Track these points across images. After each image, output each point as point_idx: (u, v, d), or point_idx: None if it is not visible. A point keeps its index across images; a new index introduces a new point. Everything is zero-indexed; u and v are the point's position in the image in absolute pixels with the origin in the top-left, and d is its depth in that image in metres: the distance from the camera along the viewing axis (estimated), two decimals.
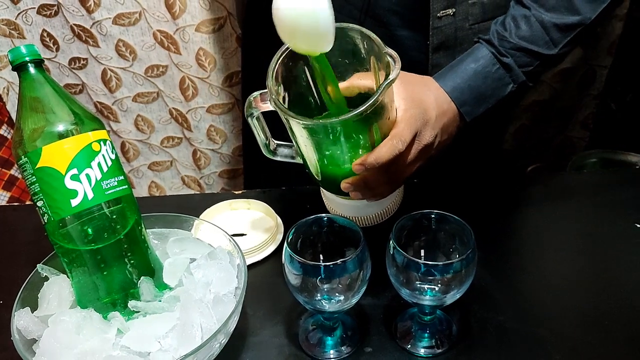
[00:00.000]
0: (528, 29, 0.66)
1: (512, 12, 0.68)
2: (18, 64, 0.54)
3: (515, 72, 0.67)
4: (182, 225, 0.65)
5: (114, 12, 1.17)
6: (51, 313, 0.54)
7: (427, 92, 0.65)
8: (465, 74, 0.67)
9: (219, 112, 1.34)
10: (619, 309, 0.61)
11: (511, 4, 0.70)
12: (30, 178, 0.53)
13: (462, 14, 0.72)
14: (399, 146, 0.57)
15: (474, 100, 0.67)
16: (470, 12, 0.73)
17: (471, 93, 0.66)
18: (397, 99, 0.60)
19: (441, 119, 0.64)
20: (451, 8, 0.71)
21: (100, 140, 0.55)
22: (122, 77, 1.28)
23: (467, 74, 0.67)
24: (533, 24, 0.66)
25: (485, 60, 0.67)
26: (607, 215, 0.75)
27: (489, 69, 0.67)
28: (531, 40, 0.66)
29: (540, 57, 0.67)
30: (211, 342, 0.50)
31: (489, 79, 0.67)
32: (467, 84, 0.66)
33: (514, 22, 0.67)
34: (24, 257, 0.73)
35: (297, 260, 0.51)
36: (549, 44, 0.67)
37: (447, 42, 0.74)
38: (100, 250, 0.54)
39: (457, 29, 0.73)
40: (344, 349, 0.58)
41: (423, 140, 0.61)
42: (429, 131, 0.62)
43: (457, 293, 0.52)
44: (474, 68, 0.67)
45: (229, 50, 1.24)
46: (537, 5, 0.67)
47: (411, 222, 0.56)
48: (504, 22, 0.68)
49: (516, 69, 0.67)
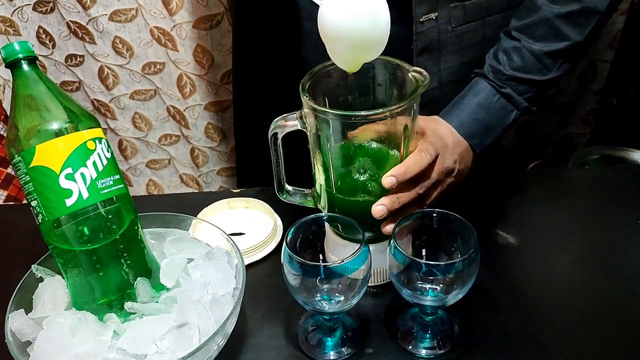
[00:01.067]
0: (520, 59, 0.69)
1: (503, 45, 0.70)
2: (11, 61, 0.53)
3: (516, 99, 0.69)
4: (179, 224, 0.65)
5: (110, 8, 1.16)
6: (46, 315, 0.53)
7: (439, 126, 0.68)
8: (468, 108, 0.69)
9: (216, 110, 1.34)
10: (623, 308, 0.60)
11: (501, 36, 0.72)
12: (24, 177, 0.52)
13: (444, 18, 0.73)
14: (427, 157, 0.59)
15: (481, 132, 0.69)
16: (452, 15, 0.73)
17: (477, 125, 0.69)
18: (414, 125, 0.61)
19: (457, 148, 0.67)
20: (433, 12, 0.72)
21: (96, 138, 0.54)
22: (119, 75, 1.27)
23: (470, 108, 0.69)
24: (524, 55, 0.69)
25: (485, 93, 0.70)
26: (610, 213, 0.74)
27: (491, 99, 0.69)
28: (525, 70, 0.69)
29: (537, 84, 0.70)
30: (209, 344, 0.49)
31: (492, 110, 0.69)
32: (472, 118, 0.69)
33: (506, 55, 0.70)
34: (19, 257, 0.72)
35: (297, 261, 0.50)
36: (542, 71, 0.69)
37: (430, 46, 0.75)
38: (95, 250, 0.53)
39: (440, 32, 0.74)
40: (344, 350, 0.57)
41: (445, 163, 0.64)
42: (449, 155, 0.65)
43: (459, 293, 0.52)
44: (476, 101, 0.70)
45: (227, 47, 1.23)
46: (526, 36, 0.69)
47: (413, 221, 0.56)
48: (497, 55, 0.70)
49: (516, 97, 0.69)
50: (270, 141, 0.61)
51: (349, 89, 0.62)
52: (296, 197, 0.66)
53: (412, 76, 0.57)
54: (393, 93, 0.61)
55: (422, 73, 0.56)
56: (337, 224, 0.60)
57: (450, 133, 0.68)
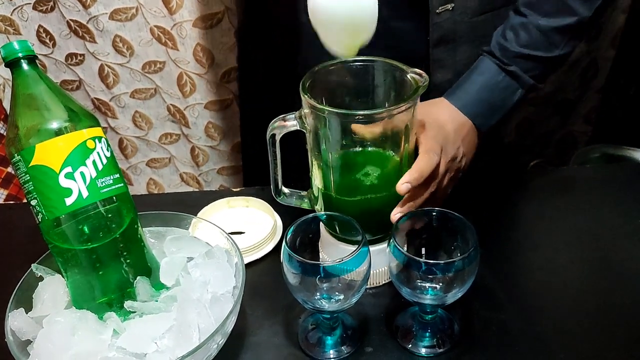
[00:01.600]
0: (527, 36, 0.68)
1: (511, 22, 0.70)
2: (11, 60, 0.53)
3: (522, 78, 0.69)
4: (179, 223, 0.64)
5: (111, 7, 1.16)
6: (46, 314, 0.53)
7: (439, 112, 0.68)
8: (473, 88, 0.69)
9: (217, 109, 1.33)
10: (623, 307, 0.60)
11: (510, 14, 0.71)
12: (23, 176, 0.52)
13: (460, 8, 0.73)
14: (435, 157, 0.60)
15: (486, 112, 0.69)
16: (469, 6, 0.73)
17: (482, 105, 0.69)
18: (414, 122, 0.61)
19: (460, 132, 0.67)
20: (450, 3, 0.72)
21: (95, 137, 0.54)
22: (120, 73, 1.27)
23: (475, 88, 0.69)
24: (532, 31, 0.68)
25: (490, 72, 0.69)
26: (611, 211, 0.74)
27: (496, 79, 0.69)
28: (532, 46, 0.68)
29: (544, 60, 0.69)
30: (208, 342, 0.49)
31: (497, 90, 0.69)
32: (477, 98, 0.69)
33: (513, 32, 0.69)
34: (19, 256, 0.72)
35: (296, 259, 0.50)
36: (550, 47, 0.68)
37: (446, 37, 0.75)
38: (95, 249, 0.53)
39: (455, 23, 0.74)
40: (344, 348, 0.57)
41: (448, 155, 0.64)
42: (451, 145, 0.65)
43: (459, 292, 0.51)
44: (480, 81, 0.69)
45: (227, 46, 1.22)
46: (533, 12, 0.68)
47: (412, 219, 0.56)
48: (504, 32, 0.70)
49: (522, 74, 0.69)
50: (269, 142, 0.61)
51: (348, 90, 0.62)
52: (292, 199, 0.67)
53: (411, 77, 0.57)
54: (391, 94, 0.61)
55: (421, 74, 0.56)
56: (335, 223, 0.59)
57: (451, 118, 0.67)
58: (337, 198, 0.60)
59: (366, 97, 0.62)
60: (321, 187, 0.61)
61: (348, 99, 0.62)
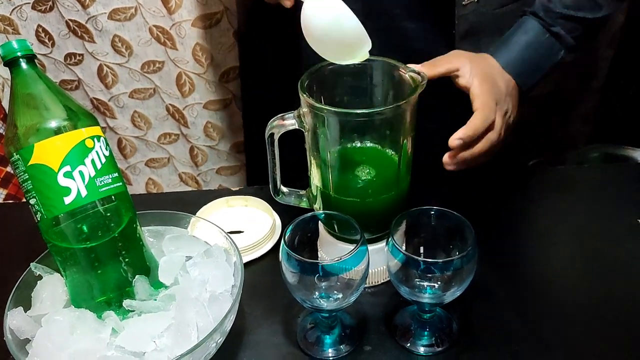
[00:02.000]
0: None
1: None
2: (10, 60, 0.53)
3: (565, 38, 0.70)
4: (178, 222, 0.65)
5: (110, 7, 1.16)
6: (44, 312, 0.53)
7: (489, 67, 0.69)
8: (517, 47, 0.70)
9: (215, 108, 1.33)
10: (622, 306, 0.60)
11: None
12: (22, 175, 0.52)
13: (485, 0, 0.73)
14: (491, 115, 0.61)
15: (528, 71, 0.70)
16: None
17: (525, 64, 0.70)
18: (469, 75, 0.63)
19: (507, 88, 0.68)
20: None
21: (94, 136, 0.54)
22: (119, 73, 1.27)
23: (519, 47, 0.70)
24: None
25: (535, 32, 0.70)
26: (610, 211, 0.74)
27: (540, 38, 0.70)
28: (576, 7, 0.69)
29: (587, 22, 0.69)
30: (207, 341, 0.49)
31: (540, 49, 0.70)
32: (521, 56, 0.70)
33: None
34: (18, 255, 0.72)
35: (295, 258, 0.50)
36: (594, 8, 0.69)
37: (472, 30, 0.75)
38: (94, 248, 0.53)
39: (480, 15, 0.74)
40: (342, 347, 0.57)
41: (503, 109, 0.65)
42: (504, 100, 0.66)
43: (457, 290, 0.52)
44: (525, 40, 0.70)
45: (226, 46, 1.22)
46: None
47: (410, 218, 0.56)
48: None
49: (565, 35, 0.69)
50: (267, 141, 0.61)
51: (347, 90, 0.62)
52: (291, 198, 0.67)
53: (410, 77, 0.57)
54: (390, 93, 0.62)
55: (419, 73, 0.57)
56: (334, 222, 0.60)
57: (500, 73, 0.68)
58: (335, 197, 0.60)
59: (365, 96, 0.62)
60: (320, 186, 0.61)
61: (347, 98, 0.62)
